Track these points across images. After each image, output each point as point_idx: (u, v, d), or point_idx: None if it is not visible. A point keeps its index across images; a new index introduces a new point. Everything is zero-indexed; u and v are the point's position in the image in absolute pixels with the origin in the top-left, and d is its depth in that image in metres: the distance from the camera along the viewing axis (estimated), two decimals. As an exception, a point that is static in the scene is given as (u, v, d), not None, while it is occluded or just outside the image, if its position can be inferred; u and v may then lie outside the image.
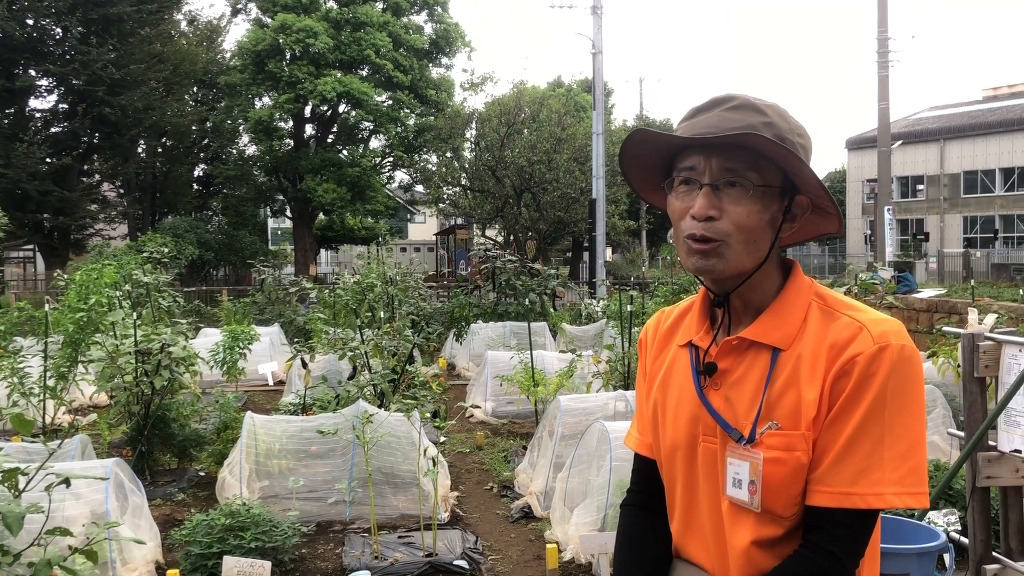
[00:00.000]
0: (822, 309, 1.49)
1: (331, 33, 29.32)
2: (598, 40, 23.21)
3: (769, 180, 1.48)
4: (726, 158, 1.46)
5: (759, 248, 1.49)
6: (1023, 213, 37.29)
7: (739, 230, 1.46)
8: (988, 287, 18.21)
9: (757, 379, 1.49)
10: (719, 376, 1.53)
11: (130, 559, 4.84)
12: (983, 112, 40.50)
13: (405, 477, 6.10)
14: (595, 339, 12.94)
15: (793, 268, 1.57)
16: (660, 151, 1.56)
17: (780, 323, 1.49)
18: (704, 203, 1.47)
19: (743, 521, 1.48)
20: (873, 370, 1.39)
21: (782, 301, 1.51)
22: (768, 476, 1.42)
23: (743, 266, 1.49)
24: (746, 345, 1.51)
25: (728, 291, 1.54)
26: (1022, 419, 3.08)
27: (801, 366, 1.45)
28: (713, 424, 1.52)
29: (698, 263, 1.49)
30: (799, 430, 1.42)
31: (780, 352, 1.47)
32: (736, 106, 1.49)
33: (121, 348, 6.95)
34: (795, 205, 1.52)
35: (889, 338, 1.41)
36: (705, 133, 1.46)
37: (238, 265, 30.40)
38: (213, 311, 16.88)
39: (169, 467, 7.25)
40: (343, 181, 30.35)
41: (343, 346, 8.12)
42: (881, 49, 26.28)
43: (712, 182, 1.47)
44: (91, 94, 24.71)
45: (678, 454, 1.59)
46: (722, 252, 1.47)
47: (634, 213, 38.32)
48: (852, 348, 1.41)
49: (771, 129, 1.46)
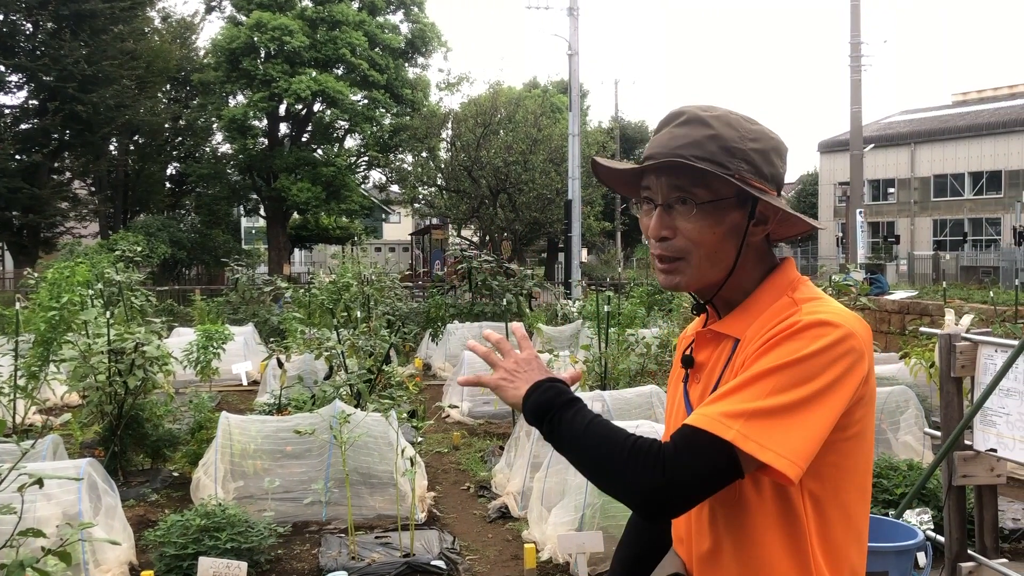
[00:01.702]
0: (786, 301, 1.51)
1: (306, 31, 29.18)
2: (574, 41, 23.25)
3: (720, 193, 1.49)
4: (673, 177, 1.50)
5: (722, 259, 1.52)
6: (991, 216, 37.78)
7: (695, 245, 1.50)
8: (958, 289, 18.44)
9: (721, 368, 1.54)
10: (698, 369, 1.60)
11: (104, 560, 4.78)
12: (953, 117, 40.99)
13: (382, 477, 6.07)
14: (571, 340, 12.96)
15: (780, 265, 1.58)
16: (626, 175, 1.62)
17: (745, 315, 1.53)
18: (656, 223, 1.52)
19: (708, 506, 1.50)
20: (780, 333, 1.41)
21: (754, 296, 1.55)
22: None
23: (708, 279, 1.53)
24: (718, 338, 1.57)
25: (707, 299, 1.60)
26: (998, 418, 3.12)
27: (747, 349, 1.48)
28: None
29: (664, 280, 1.56)
30: None
31: (739, 341, 1.51)
32: (683, 121, 1.53)
33: (94, 347, 6.86)
34: (760, 210, 1.53)
35: (819, 316, 1.41)
36: (653, 154, 1.52)
37: (211, 264, 30.16)
38: (186, 310, 16.73)
39: (143, 467, 7.17)
40: (318, 180, 30.20)
41: (319, 346, 8.07)
42: (854, 53, 26.52)
43: (664, 202, 1.52)
44: (62, 90, 24.42)
45: None
46: (682, 269, 1.52)
47: (609, 214, 38.47)
48: (781, 324, 1.44)
49: (716, 142, 1.48)
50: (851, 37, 26.76)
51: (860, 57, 26.48)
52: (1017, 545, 5.35)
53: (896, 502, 4.97)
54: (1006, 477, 3.66)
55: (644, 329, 10.47)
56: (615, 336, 9.02)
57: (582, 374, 8.33)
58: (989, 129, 37.86)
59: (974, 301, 15.17)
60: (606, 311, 8.98)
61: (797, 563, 1.44)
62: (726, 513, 1.48)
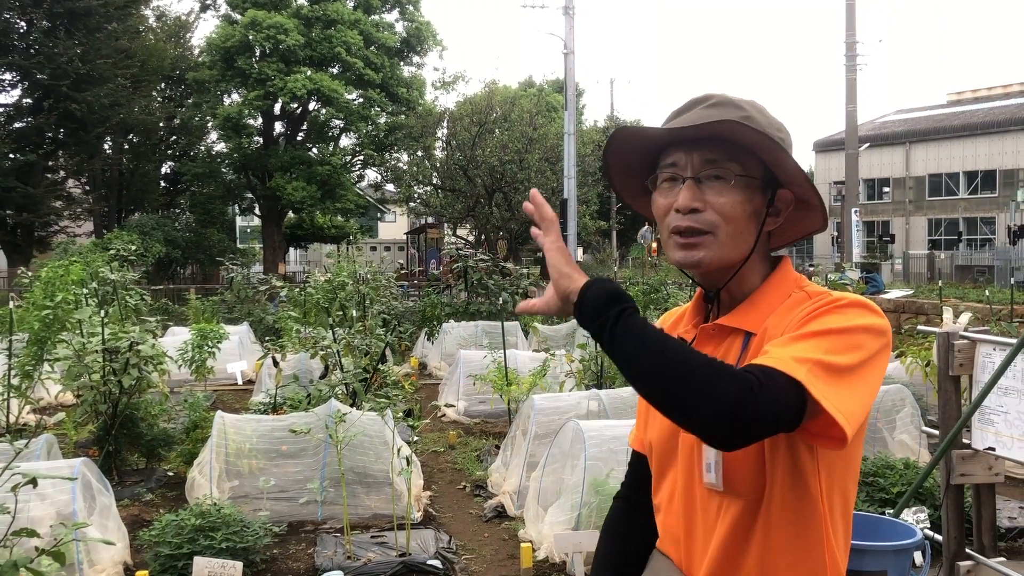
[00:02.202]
0: (802, 297, 1.50)
1: (302, 30, 29.13)
2: (570, 40, 23.24)
3: (751, 171, 1.49)
4: (707, 151, 1.48)
5: (744, 240, 1.50)
6: (986, 216, 37.87)
7: (725, 220, 1.48)
8: (954, 288, 18.47)
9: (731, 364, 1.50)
10: None
11: (98, 560, 4.76)
12: (947, 116, 41.08)
13: (378, 476, 6.05)
14: (567, 338, 12.96)
15: (780, 263, 1.58)
16: (642, 152, 1.58)
17: (754, 310, 1.51)
18: (688, 195, 1.48)
19: (715, 506, 1.48)
20: (824, 306, 1.41)
21: (762, 291, 1.53)
22: (727, 456, 1.42)
23: (729, 258, 1.50)
24: (725, 332, 1.53)
25: (717, 286, 1.55)
26: (996, 417, 3.11)
27: (767, 335, 1.46)
28: None
29: (684, 256, 1.49)
30: None
31: (752, 336, 1.49)
32: (714, 103, 1.52)
33: (88, 346, 6.84)
34: (778, 199, 1.53)
35: (858, 298, 1.43)
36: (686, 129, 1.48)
37: (206, 263, 30.09)
38: (181, 309, 16.70)
39: (137, 467, 7.14)
40: (313, 179, 30.15)
41: (314, 345, 8.05)
42: (849, 53, 26.57)
43: (694, 175, 1.49)
44: (56, 89, 24.34)
45: (663, 447, 1.60)
46: (708, 244, 1.48)
47: (605, 214, 38.47)
48: (820, 302, 1.43)
49: (750, 123, 1.47)
50: (846, 36, 26.81)
51: (855, 56, 26.52)
52: (1014, 543, 5.34)
53: (893, 501, 4.97)
54: (1003, 476, 3.66)
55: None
56: (611, 335, 9.00)
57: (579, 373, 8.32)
58: (984, 128, 37.96)
59: (969, 300, 15.19)
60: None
61: (817, 552, 1.45)
62: (746, 504, 1.45)
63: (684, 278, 18.02)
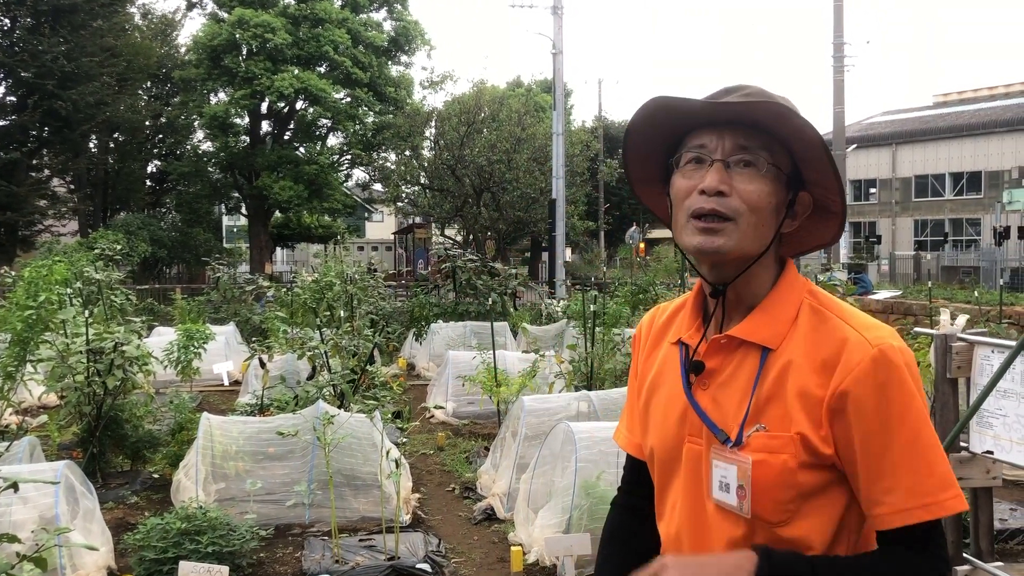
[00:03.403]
0: (813, 308, 1.45)
1: (289, 29, 29.00)
2: (558, 40, 23.21)
3: (779, 163, 1.44)
4: (740, 136, 1.43)
5: (764, 234, 1.44)
6: (972, 217, 38.06)
7: (750, 210, 1.41)
8: (941, 289, 18.55)
9: (746, 380, 1.44)
10: (707, 375, 1.48)
11: (81, 565, 4.68)
12: (934, 118, 41.28)
13: (366, 479, 5.99)
14: (556, 339, 12.91)
15: (787, 264, 1.52)
16: (666, 135, 1.51)
17: (770, 321, 1.44)
18: (715, 177, 1.41)
19: (727, 525, 1.43)
20: (882, 377, 1.35)
21: (773, 298, 1.46)
22: (755, 480, 1.37)
23: (747, 250, 1.43)
24: (735, 344, 1.46)
25: (727, 281, 1.48)
26: (994, 420, 3.08)
27: (792, 369, 1.40)
28: (699, 424, 1.47)
29: (703, 242, 1.42)
30: (788, 432, 1.37)
31: (770, 352, 1.42)
32: (749, 94, 1.45)
33: (72, 347, 6.74)
34: (798, 201, 1.47)
35: (883, 339, 1.37)
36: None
37: (192, 263, 29.90)
38: (167, 309, 16.57)
39: (122, 469, 7.05)
40: (300, 179, 30.02)
41: (302, 345, 7.98)
42: (837, 54, 26.66)
43: (724, 159, 1.43)
44: (41, 87, 24.13)
45: (667, 455, 1.54)
46: (729, 231, 1.41)
47: (593, 214, 38.49)
48: (854, 356, 1.36)
49: (784, 107, 1.41)
50: (834, 37, 26.89)
51: (843, 57, 26.62)
52: (1005, 545, 5.33)
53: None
54: (1001, 479, 3.62)
55: (629, 328, 10.43)
56: (600, 336, 8.97)
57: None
58: (969, 130, 38.16)
59: (957, 301, 15.25)
60: (592, 311, 8.93)
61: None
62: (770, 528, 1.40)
63: (673, 278, 18.04)
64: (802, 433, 1.36)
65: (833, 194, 1.47)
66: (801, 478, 1.37)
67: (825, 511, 1.40)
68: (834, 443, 1.37)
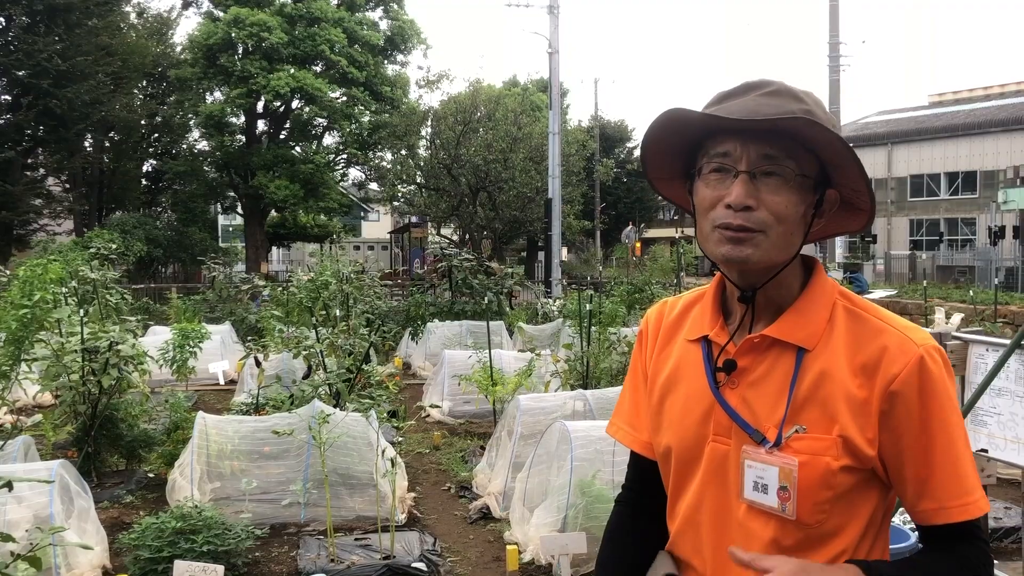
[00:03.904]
0: (847, 310, 1.44)
1: (285, 28, 28.97)
2: (555, 40, 23.22)
3: (806, 170, 1.40)
4: (765, 144, 1.38)
5: (793, 242, 1.41)
6: (967, 216, 38.09)
7: (778, 221, 1.38)
8: (936, 288, 18.58)
9: (781, 380, 1.42)
10: (736, 375, 1.45)
11: (75, 564, 4.67)
12: (929, 118, 41.30)
13: (361, 478, 5.98)
14: (551, 338, 12.91)
15: (816, 266, 1.50)
16: (686, 136, 1.47)
17: (805, 322, 1.43)
18: (742, 191, 1.38)
19: (756, 525, 1.42)
20: (926, 379, 1.37)
21: (806, 299, 1.45)
22: (800, 480, 1.37)
23: (775, 259, 1.41)
24: (768, 343, 1.43)
25: (755, 285, 1.45)
26: (989, 418, 3.08)
27: (833, 370, 1.39)
28: (728, 424, 1.45)
29: (731, 252, 1.39)
30: (830, 435, 1.37)
31: (806, 352, 1.41)
32: (773, 92, 1.41)
33: (67, 346, 6.73)
34: (825, 200, 1.44)
35: (926, 341, 1.40)
36: (741, 119, 1.37)
37: (188, 262, 29.85)
38: (162, 309, 16.54)
39: (117, 469, 7.03)
40: (296, 178, 29.99)
41: (297, 344, 7.96)
42: (832, 53, 26.70)
43: (749, 169, 1.39)
44: (36, 86, 24.06)
45: (686, 455, 1.51)
46: (759, 242, 1.38)
47: (589, 213, 38.48)
48: (899, 358, 1.37)
49: (814, 119, 1.37)
50: (830, 37, 26.94)
51: (839, 57, 26.66)
52: (1000, 544, 5.34)
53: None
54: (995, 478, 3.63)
55: (625, 328, 10.43)
56: (596, 335, 8.97)
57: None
58: (965, 130, 38.19)
59: (953, 300, 15.27)
60: (588, 310, 8.93)
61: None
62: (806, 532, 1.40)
63: (669, 277, 18.06)
64: (845, 435, 1.36)
65: (863, 196, 1.45)
66: (840, 479, 1.37)
67: (857, 510, 1.41)
68: (880, 444, 1.38)
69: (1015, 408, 3.04)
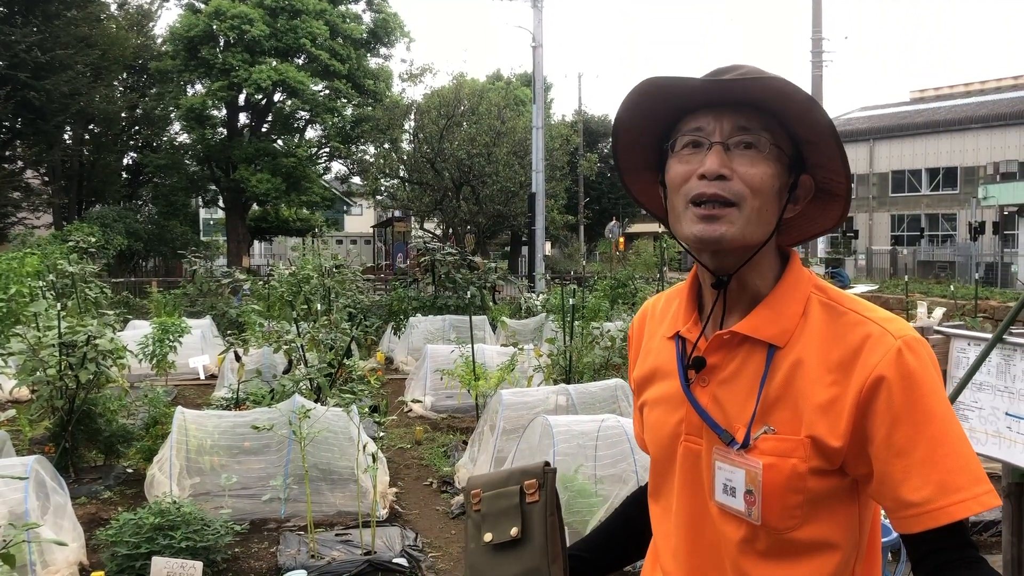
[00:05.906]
0: (823, 303, 1.37)
1: (267, 20, 28.78)
2: (538, 33, 23.16)
3: (781, 144, 1.36)
4: (739, 116, 1.35)
5: (767, 220, 1.36)
6: (947, 212, 38.36)
7: (753, 193, 1.33)
8: (917, 283, 18.69)
9: (750, 379, 1.36)
10: (707, 372, 1.40)
11: (51, 561, 4.62)
12: (910, 114, 41.54)
13: (343, 473, 5.95)
14: (535, 333, 12.90)
15: (792, 256, 1.45)
16: (659, 119, 1.42)
17: (776, 317, 1.37)
18: (716, 160, 1.33)
19: (729, 528, 1.37)
20: (906, 372, 1.28)
21: (779, 292, 1.39)
22: (764, 484, 1.31)
23: (751, 238, 1.35)
24: (739, 340, 1.38)
25: (729, 271, 1.40)
26: (970, 413, 3.08)
27: (803, 368, 1.33)
28: (699, 424, 1.40)
29: (703, 230, 1.34)
30: (798, 436, 1.30)
31: (776, 350, 1.35)
32: (747, 72, 1.37)
33: (44, 340, 6.65)
34: (799, 185, 1.40)
35: (905, 332, 1.32)
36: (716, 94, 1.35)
37: (168, 256, 29.63)
38: (142, 303, 16.43)
39: (95, 464, 6.97)
40: (278, 171, 29.82)
41: (278, 339, 7.90)
42: (815, 49, 26.77)
43: (724, 141, 1.35)
44: (14, 78, 23.81)
45: (662, 453, 1.48)
46: (732, 218, 1.33)
47: (573, 208, 38.47)
48: (876, 350, 1.30)
49: (786, 83, 1.33)
50: (813, 33, 27.01)
51: (821, 53, 26.74)
52: (979, 537, 5.37)
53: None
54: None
55: (608, 322, 10.43)
56: (579, 329, 8.96)
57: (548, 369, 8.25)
58: (946, 126, 38.43)
59: (934, 295, 15.36)
60: (571, 304, 8.92)
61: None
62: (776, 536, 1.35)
63: (652, 272, 18.07)
64: (813, 436, 1.29)
65: (839, 176, 1.39)
66: (811, 483, 1.31)
67: (840, 514, 1.34)
68: (856, 443, 1.29)
69: (996, 402, 3.04)
